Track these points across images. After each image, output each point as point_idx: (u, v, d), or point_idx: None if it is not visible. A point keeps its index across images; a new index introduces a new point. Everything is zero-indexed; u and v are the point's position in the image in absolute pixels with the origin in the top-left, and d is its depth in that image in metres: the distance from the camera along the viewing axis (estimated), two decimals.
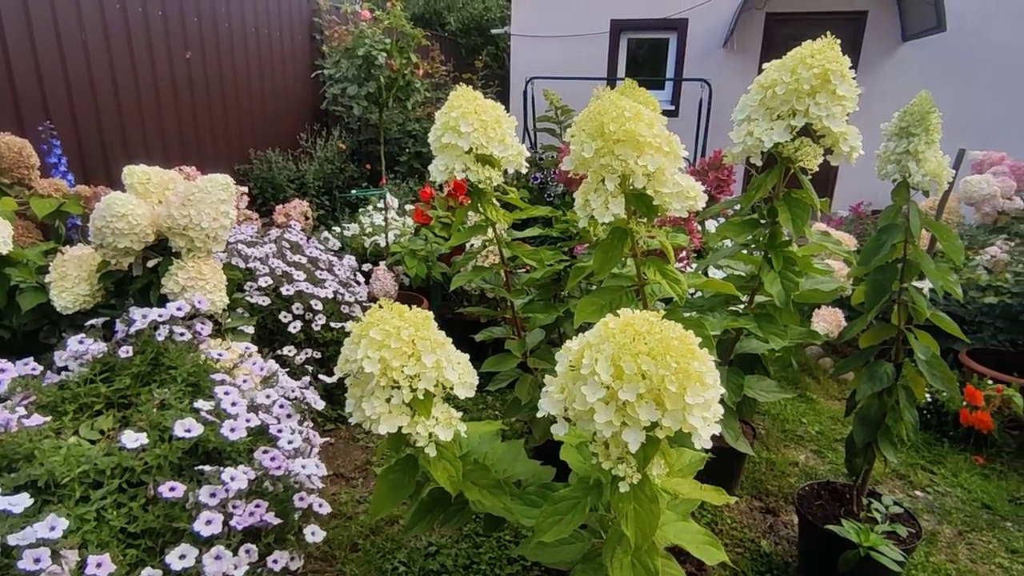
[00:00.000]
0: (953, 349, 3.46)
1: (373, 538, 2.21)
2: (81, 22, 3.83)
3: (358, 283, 3.30)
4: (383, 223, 3.80)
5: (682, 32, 8.21)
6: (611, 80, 8.66)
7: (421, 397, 0.89)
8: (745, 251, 1.44)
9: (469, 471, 1.09)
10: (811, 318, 3.59)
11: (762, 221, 1.36)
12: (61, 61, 3.74)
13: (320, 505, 1.79)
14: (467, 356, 0.99)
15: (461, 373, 0.94)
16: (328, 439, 2.83)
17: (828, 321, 3.47)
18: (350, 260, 3.37)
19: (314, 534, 1.71)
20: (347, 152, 5.66)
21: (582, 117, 0.98)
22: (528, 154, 1.47)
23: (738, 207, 1.50)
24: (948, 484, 2.71)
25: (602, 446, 0.79)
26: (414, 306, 0.97)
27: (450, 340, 0.97)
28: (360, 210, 4.25)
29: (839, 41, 1.18)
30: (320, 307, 2.94)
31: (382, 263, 3.59)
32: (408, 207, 4.34)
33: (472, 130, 1.35)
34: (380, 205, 4.05)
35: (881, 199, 1.86)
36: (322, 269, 3.13)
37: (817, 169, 1.34)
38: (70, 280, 2.06)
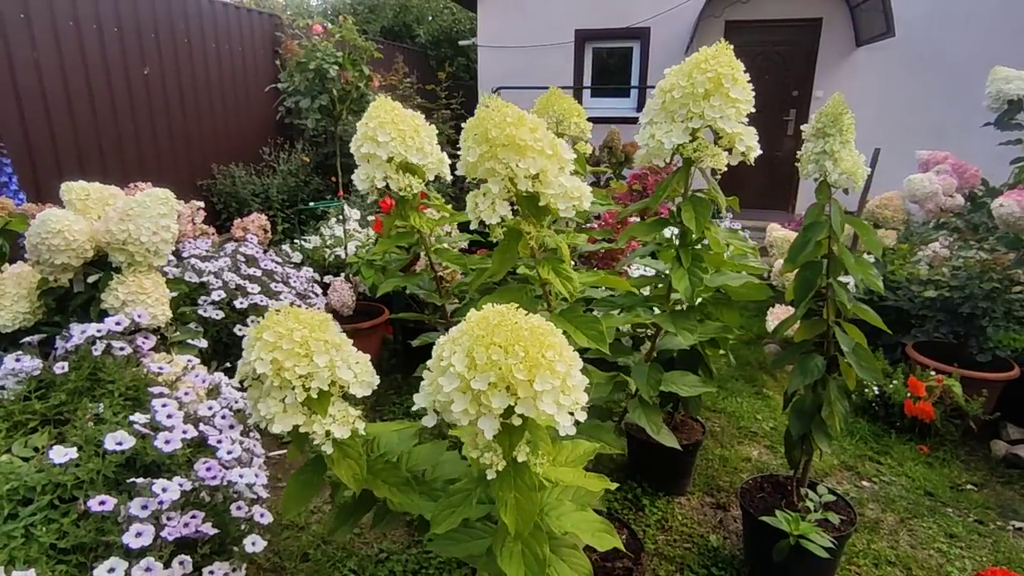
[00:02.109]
0: (901, 343, 3.56)
1: (324, 547, 2.21)
2: (33, 40, 3.80)
3: (316, 295, 3.31)
4: (343, 235, 3.81)
5: (645, 41, 8.36)
6: (577, 89, 8.77)
7: (315, 396, 0.91)
8: (659, 249, 1.50)
9: (380, 469, 1.11)
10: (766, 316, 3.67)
11: (671, 221, 1.41)
12: (12, 80, 3.71)
13: (262, 515, 1.80)
14: (368, 356, 1.02)
15: (359, 372, 0.97)
16: (286, 451, 2.82)
17: (780, 319, 3.56)
18: (307, 272, 3.38)
19: (254, 544, 1.71)
20: (311, 165, 5.67)
21: (469, 124, 1.03)
22: (450, 161, 1.51)
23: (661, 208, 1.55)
24: (894, 473, 2.78)
25: (470, 436, 0.82)
26: (316, 315, 0.99)
27: (351, 341, 1.00)
28: (321, 222, 4.26)
29: (727, 52, 1.24)
30: None
31: (342, 274, 3.60)
32: (371, 218, 4.36)
33: (390, 139, 1.39)
34: (341, 217, 4.07)
35: (844, 200, 1.92)
36: (278, 281, 3.13)
37: (725, 168, 1.39)
38: (8, 298, 2.05)
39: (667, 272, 1.43)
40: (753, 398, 3.52)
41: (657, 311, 1.74)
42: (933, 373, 3.06)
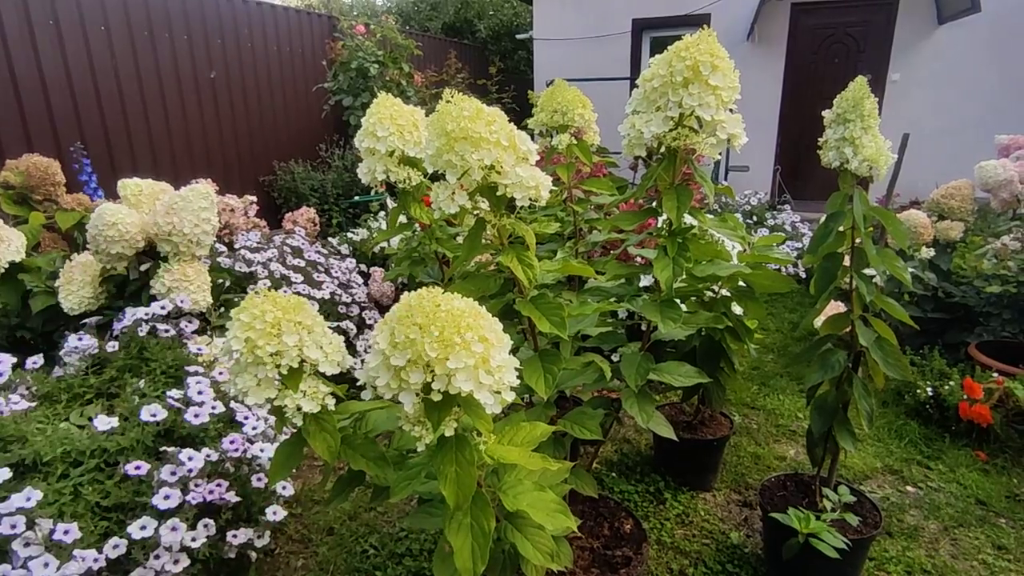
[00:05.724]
0: (965, 342, 3.33)
1: (350, 523, 2.33)
2: (112, 49, 4.16)
3: (357, 284, 3.45)
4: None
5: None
6: (634, 80, 8.62)
7: (285, 372, 0.99)
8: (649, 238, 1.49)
9: (359, 444, 1.18)
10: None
11: (659, 209, 1.40)
12: (94, 87, 4.07)
13: (284, 487, 1.93)
14: (341, 338, 1.09)
15: (329, 352, 1.04)
16: None
17: (829, 314, 3.40)
18: (349, 263, 3.53)
19: (275, 513, 1.85)
20: None
21: (431, 119, 1.07)
22: None
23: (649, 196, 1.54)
24: (944, 480, 2.62)
25: (404, 411, 0.87)
26: (291, 299, 1.07)
27: (325, 323, 1.08)
28: (369, 216, 4.43)
29: (708, 40, 1.22)
30: (316, 307, 3.10)
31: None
32: None
33: (388, 134, 1.46)
34: (384, 211, 4.21)
35: (920, 189, 1.85)
36: (321, 272, 3.30)
37: (719, 156, 1.37)
38: (75, 284, 2.28)
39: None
40: (797, 396, 3.38)
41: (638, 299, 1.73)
42: (995, 375, 2.86)
